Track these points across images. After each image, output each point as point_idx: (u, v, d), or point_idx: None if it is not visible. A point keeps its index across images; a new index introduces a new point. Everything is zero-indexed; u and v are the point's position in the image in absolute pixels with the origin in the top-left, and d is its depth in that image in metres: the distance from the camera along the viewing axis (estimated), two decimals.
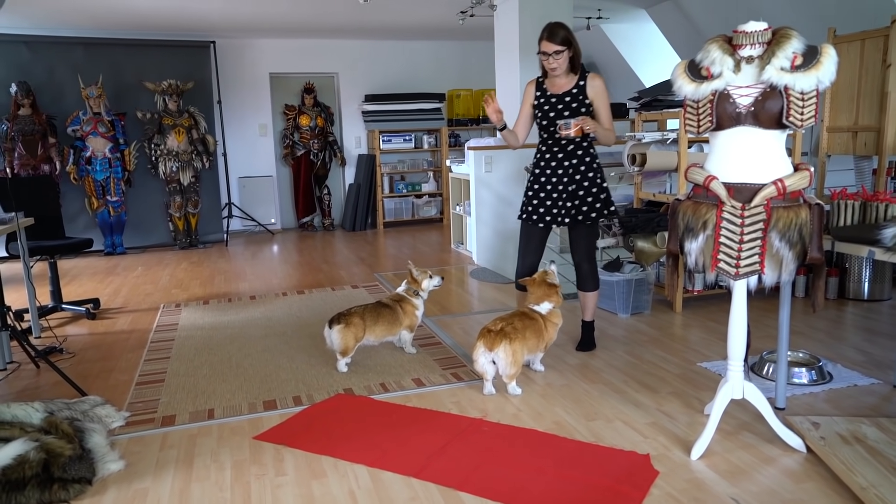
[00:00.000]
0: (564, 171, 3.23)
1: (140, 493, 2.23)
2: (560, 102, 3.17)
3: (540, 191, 3.27)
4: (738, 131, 2.19)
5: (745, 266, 2.19)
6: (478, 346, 2.88)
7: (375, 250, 6.84)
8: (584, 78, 3.18)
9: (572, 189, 3.22)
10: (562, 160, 3.23)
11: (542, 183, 3.27)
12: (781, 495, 2.08)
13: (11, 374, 3.47)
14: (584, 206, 3.24)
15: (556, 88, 3.20)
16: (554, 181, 3.24)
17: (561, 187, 3.23)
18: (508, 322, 2.92)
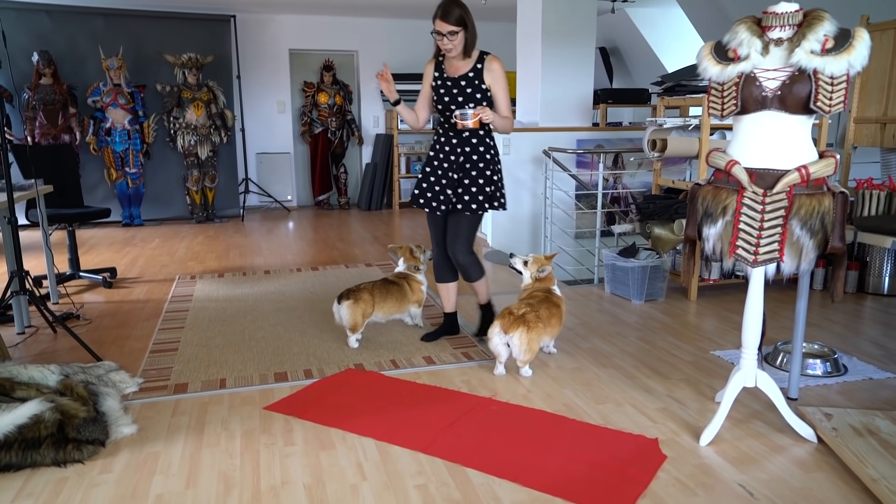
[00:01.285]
0: (456, 159, 3.09)
1: (152, 457, 2.27)
2: (455, 87, 3.02)
3: (430, 175, 3.15)
4: (763, 115, 2.15)
5: (764, 253, 2.16)
6: (495, 325, 2.88)
7: (390, 229, 6.84)
8: (482, 61, 3.02)
9: (459, 177, 3.09)
10: (455, 146, 3.08)
11: (433, 167, 3.15)
12: (790, 484, 2.07)
13: (29, 337, 3.52)
14: (466, 196, 3.09)
15: (452, 71, 3.04)
16: (445, 167, 3.11)
17: (451, 174, 3.10)
18: (533, 309, 2.91)
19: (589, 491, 2.02)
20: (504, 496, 2.01)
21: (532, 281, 3.20)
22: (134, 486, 2.09)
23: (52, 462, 2.22)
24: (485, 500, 1.99)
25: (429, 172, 3.17)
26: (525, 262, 3.23)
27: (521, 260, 3.25)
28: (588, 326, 3.61)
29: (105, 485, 2.10)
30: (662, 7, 7.54)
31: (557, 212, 5.33)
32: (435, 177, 3.14)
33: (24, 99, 6.69)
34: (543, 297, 3.06)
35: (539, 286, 3.18)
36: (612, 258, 4.15)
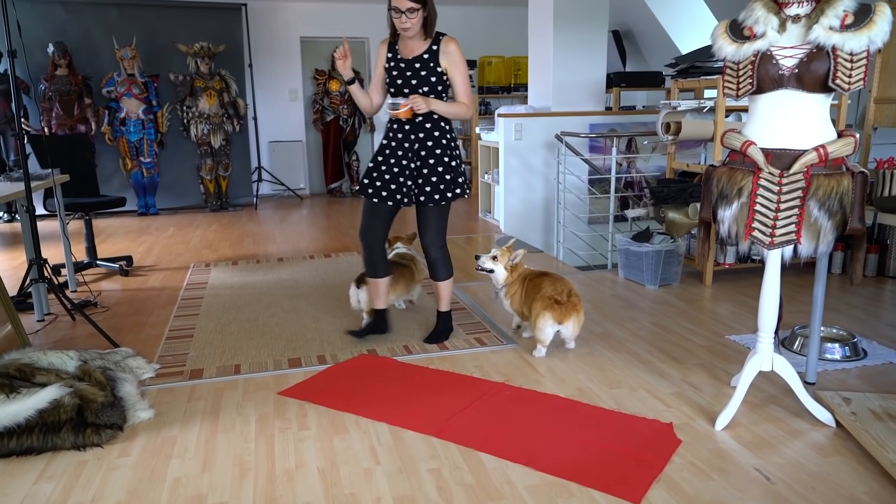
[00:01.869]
0: (411, 146, 2.92)
1: (168, 441, 2.29)
2: (409, 69, 2.85)
3: (383, 164, 2.96)
4: (779, 95, 2.10)
5: (781, 235, 2.12)
6: (547, 317, 2.87)
7: (402, 217, 6.82)
8: (438, 42, 2.85)
9: (417, 166, 2.94)
10: (409, 133, 2.91)
11: (386, 156, 2.96)
12: (807, 468, 2.04)
13: (49, 324, 3.57)
14: (427, 187, 2.94)
15: (407, 52, 2.87)
16: (399, 155, 2.93)
17: (405, 163, 2.93)
18: (573, 292, 2.94)
19: (602, 475, 2.01)
20: (517, 480, 2.01)
21: (508, 273, 3.08)
22: (151, 469, 2.11)
23: (72, 446, 2.25)
24: (498, 484, 1.99)
25: (381, 161, 2.97)
26: (494, 258, 3.09)
27: (489, 257, 3.09)
28: (601, 311, 3.59)
29: (123, 468, 2.12)
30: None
31: (570, 197, 5.29)
32: (387, 165, 2.96)
33: (40, 90, 6.74)
34: (545, 277, 3.03)
35: (524, 273, 3.11)
36: (625, 243, 4.11)
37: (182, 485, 2.02)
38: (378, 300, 3.20)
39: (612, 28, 8.21)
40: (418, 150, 2.93)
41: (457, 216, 6.79)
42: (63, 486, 2.03)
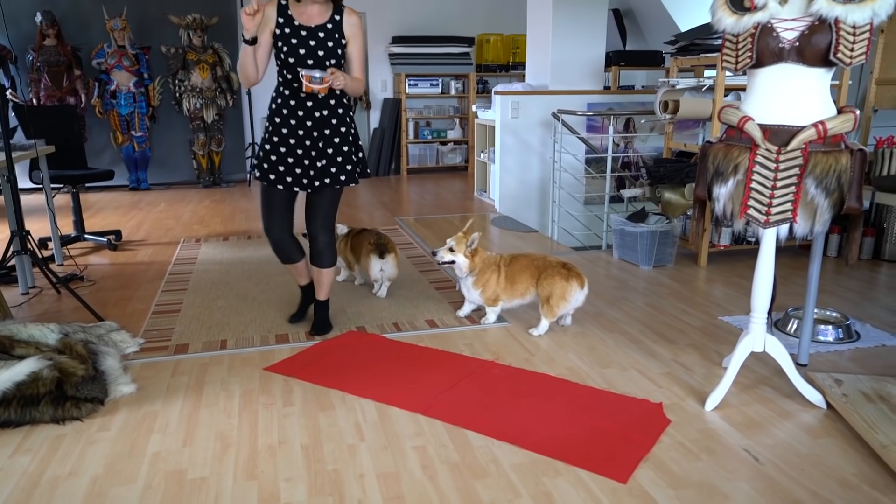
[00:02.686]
0: (314, 124, 2.67)
1: (150, 415, 2.25)
2: (312, 38, 2.59)
3: (280, 145, 2.69)
4: (779, 69, 2.05)
5: (777, 213, 2.08)
6: (574, 286, 2.90)
7: (398, 195, 6.77)
8: (340, 12, 2.65)
9: (321, 146, 2.70)
10: (311, 110, 2.66)
11: (283, 136, 2.69)
12: (797, 449, 2.02)
13: (33, 298, 3.52)
14: (332, 168, 2.73)
15: (306, 18, 2.60)
16: (300, 135, 2.67)
17: (308, 143, 2.68)
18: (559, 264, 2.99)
19: (590, 454, 1.98)
20: (503, 458, 1.98)
21: (470, 259, 2.99)
22: (131, 443, 2.08)
23: (51, 419, 2.21)
24: (483, 462, 1.96)
25: (278, 142, 2.70)
26: (451, 249, 3.00)
27: (446, 249, 3.00)
28: (594, 292, 3.55)
29: (103, 442, 2.09)
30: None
31: (566, 177, 5.23)
32: (288, 147, 2.69)
33: (28, 60, 6.62)
34: (524, 256, 3.05)
35: (493, 259, 3.04)
36: (620, 223, 4.07)
37: (162, 459, 1.99)
38: (301, 278, 3.08)
39: (613, 7, 8.09)
40: (322, 128, 2.69)
41: (452, 195, 6.74)
42: (40, 460, 1.99)
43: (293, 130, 2.68)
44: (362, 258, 3.43)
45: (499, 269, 3.01)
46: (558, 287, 2.89)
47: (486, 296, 3.01)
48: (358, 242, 3.49)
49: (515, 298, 3.01)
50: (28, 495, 1.82)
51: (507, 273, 3.00)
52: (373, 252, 3.36)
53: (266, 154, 2.73)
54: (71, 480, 1.89)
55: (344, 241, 3.55)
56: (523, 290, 2.98)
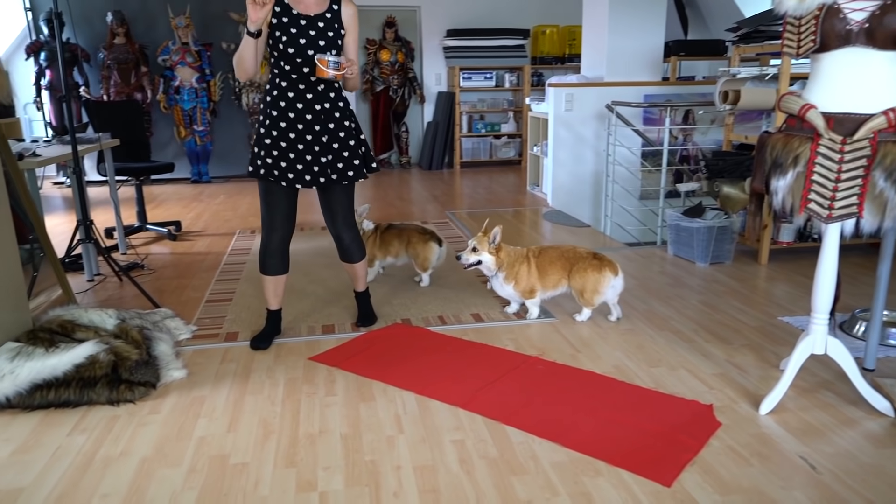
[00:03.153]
0: (315, 118, 2.57)
1: (198, 400, 2.31)
2: (312, 27, 2.49)
3: (281, 140, 2.56)
4: (845, 53, 1.92)
5: (840, 208, 1.96)
6: (607, 275, 2.89)
7: (450, 189, 6.76)
8: (338, 2, 2.57)
9: (326, 140, 2.59)
10: (311, 102, 2.55)
11: (282, 129, 2.55)
12: (858, 459, 1.90)
13: (97, 285, 3.68)
14: (339, 163, 2.64)
15: (304, 8, 2.51)
16: (300, 129, 2.56)
17: (310, 137, 2.57)
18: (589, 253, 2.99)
19: (633, 455, 1.92)
20: (542, 455, 1.94)
21: (495, 255, 2.93)
22: (179, 427, 2.13)
23: (107, 401, 2.30)
24: (522, 459, 1.92)
25: (278, 136, 2.56)
26: (474, 249, 2.93)
27: (468, 251, 2.94)
28: (646, 288, 3.45)
29: (153, 424, 2.15)
30: None
31: (621, 170, 5.09)
32: (288, 141, 2.56)
33: (99, 58, 6.92)
34: (553, 248, 3.04)
35: (519, 252, 2.99)
36: (676, 218, 3.93)
37: (207, 443, 2.03)
38: (275, 300, 2.83)
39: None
40: (326, 121, 2.59)
41: (504, 189, 6.68)
42: (94, 439, 2.07)
43: (292, 124, 2.56)
44: (417, 248, 3.47)
45: (528, 260, 2.96)
46: (591, 280, 2.89)
47: (520, 288, 2.97)
48: (392, 237, 3.52)
49: (549, 290, 2.99)
50: (82, 473, 1.89)
51: (538, 264, 2.97)
52: (431, 241, 3.48)
53: (266, 149, 2.58)
54: (122, 460, 1.95)
55: (373, 237, 3.50)
56: (555, 281, 2.97)
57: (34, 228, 3.14)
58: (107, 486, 1.83)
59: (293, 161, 2.58)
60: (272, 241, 2.69)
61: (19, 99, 7.50)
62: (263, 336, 2.80)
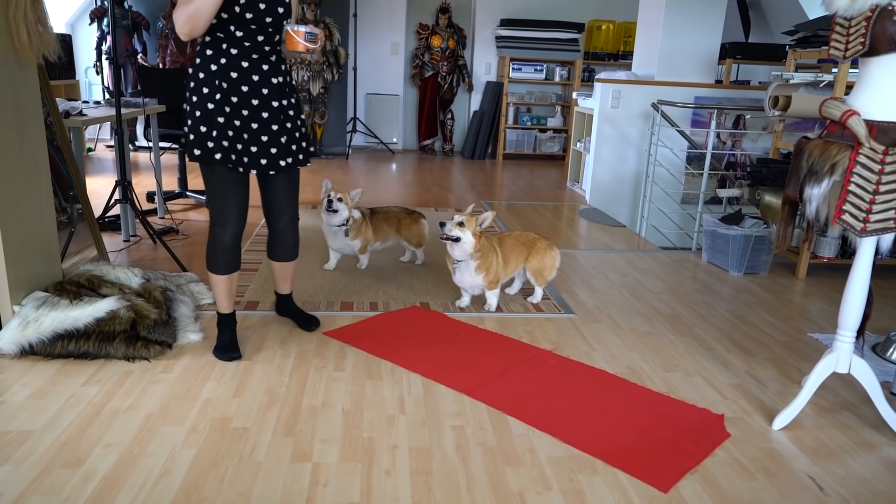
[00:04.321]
0: (271, 92, 2.25)
1: (209, 364, 2.36)
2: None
3: (234, 118, 2.21)
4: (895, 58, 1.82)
5: (877, 221, 1.86)
6: (557, 253, 3.10)
7: (489, 179, 6.72)
8: None
9: (281, 118, 2.29)
10: (267, 76, 2.23)
11: (234, 105, 2.20)
12: (872, 484, 1.81)
13: (132, 245, 3.78)
14: (294, 144, 2.36)
15: None
16: (255, 104, 2.23)
17: (266, 115, 2.25)
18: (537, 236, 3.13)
19: (633, 457, 1.88)
20: (541, 448, 1.91)
21: (476, 240, 2.78)
22: (188, 387, 2.18)
23: (123, 356, 2.36)
24: (519, 451, 1.90)
25: (231, 114, 2.21)
26: (461, 224, 2.76)
27: (455, 223, 2.77)
28: (673, 293, 3.36)
29: (163, 383, 2.21)
30: None
31: (662, 172, 4.97)
32: (242, 120, 2.22)
33: (158, 27, 7.09)
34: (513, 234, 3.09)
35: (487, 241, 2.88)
36: (712, 224, 3.82)
37: (211, 406, 2.07)
38: (228, 300, 2.45)
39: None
40: (279, 97, 2.28)
41: (544, 183, 6.60)
42: (106, 391, 2.13)
43: (245, 100, 2.22)
44: (412, 228, 3.53)
45: (495, 251, 2.91)
46: (549, 259, 3.06)
47: (488, 279, 2.90)
48: (380, 222, 3.47)
49: (506, 278, 3.06)
50: (89, 422, 1.95)
51: (502, 252, 2.95)
52: (422, 218, 3.58)
53: (218, 129, 2.20)
54: (128, 414, 2.01)
55: (365, 223, 3.39)
56: (514, 268, 3.03)
57: (74, 185, 3.25)
58: (111, 436, 1.88)
59: (248, 142, 2.24)
60: (226, 235, 2.33)
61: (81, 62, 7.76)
62: (228, 344, 2.43)
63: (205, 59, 2.20)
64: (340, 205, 3.23)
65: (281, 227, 2.53)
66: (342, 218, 3.25)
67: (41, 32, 2.34)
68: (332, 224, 3.28)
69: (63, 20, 7.57)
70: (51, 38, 2.41)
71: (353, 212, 3.31)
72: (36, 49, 2.34)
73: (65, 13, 7.55)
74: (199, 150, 2.21)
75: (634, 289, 3.39)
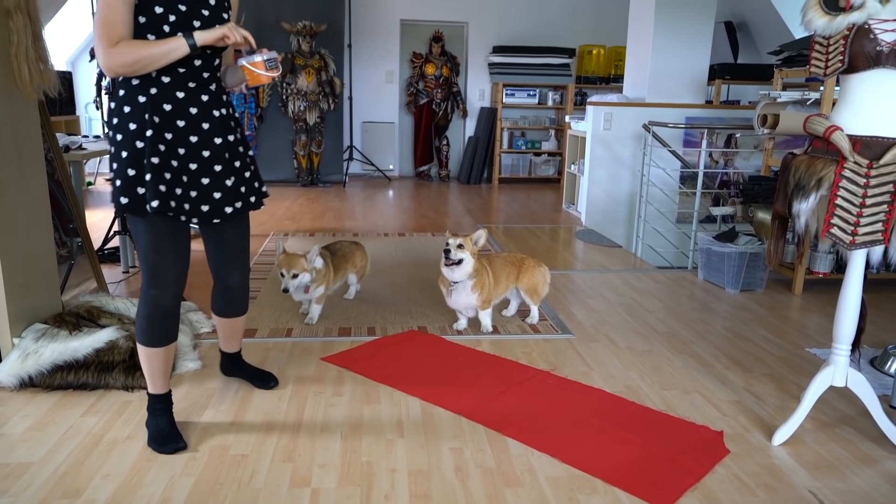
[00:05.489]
0: (212, 127, 1.91)
1: (207, 392, 2.36)
2: (204, 5, 1.86)
3: (171, 157, 1.84)
4: (875, 74, 1.86)
5: (865, 234, 1.88)
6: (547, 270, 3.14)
7: (485, 204, 6.76)
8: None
9: (227, 157, 1.95)
10: (208, 108, 1.90)
11: (168, 143, 1.84)
12: (872, 498, 1.81)
13: (131, 276, 3.79)
14: (243, 186, 2.02)
15: None
16: (194, 142, 1.88)
17: (208, 154, 1.90)
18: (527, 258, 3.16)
19: (632, 476, 1.87)
20: (540, 469, 1.91)
21: (475, 259, 2.81)
22: (186, 415, 2.18)
23: (122, 386, 2.36)
24: (518, 472, 1.90)
25: (167, 153, 1.83)
26: (460, 246, 2.76)
27: (456, 244, 2.75)
28: (670, 311, 3.37)
29: None
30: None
31: (656, 192, 5.01)
32: (178, 160, 1.86)
33: None
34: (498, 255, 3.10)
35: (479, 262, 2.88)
36: (707, 242, 3.84)
37: (210, 434, 2.07)
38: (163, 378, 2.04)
39: (726, 19, 7.71)
40: (224, 133, 1.94)
41: (540, 206, 6.64)
42: (105, 422, 2.13)
43: (181, 136, 1.87)
44: (357, 259, 3.34)
45: (486, 270, 2.92)
46: (539, 276, 3.08)
47: (482, 298, 2.90)
48: (340, 262, 3.18)
49: (497, 298, 3.04)
50: (88, 453, 1.95)
51: (493, 272, 2.95)
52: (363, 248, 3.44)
53: (154, 173, 1.81)
54: (127, 444, 2.00)
55: (328, 270, 3.05)
56: (504, 288, 3.04)
57: (74, 218, 3.27)
58: (109, 466, 1.88)
59: (187, 186, 1.88)
60: (165, 299, 1.93)
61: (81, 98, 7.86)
62: (169, 433, 2.00)
63: (130, 89, 1.83)
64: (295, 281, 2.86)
65: (232, 282, 2.19)
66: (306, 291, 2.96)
67: (42, 70, 2.39)
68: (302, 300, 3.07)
69: (64, 58, 7.69)
70: (51, 76, 2.46)
71: (316, 261, 2.94)
72: (37, 86, 2.38)
73: (66, 51, 7.67)
74: (126, 197, 1.82)
75: (631, 308, 3.40)
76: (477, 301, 2.90)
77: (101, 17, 1.74)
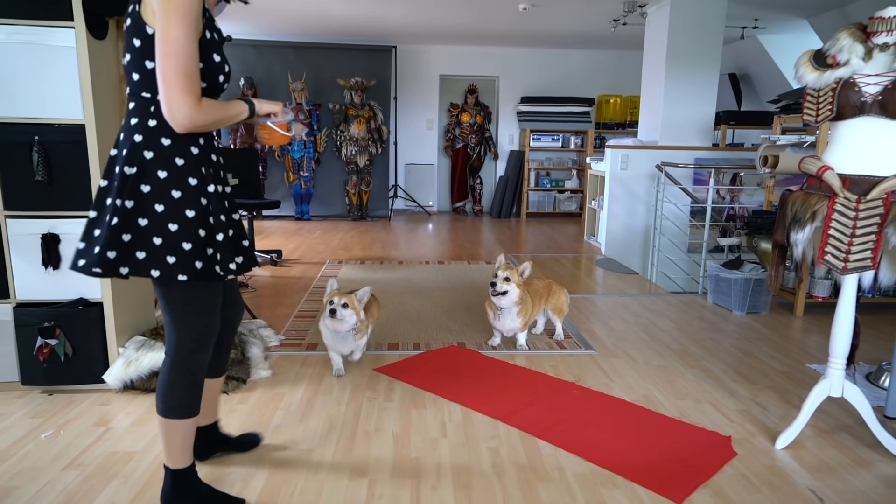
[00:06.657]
0: (223, 176, 1.64)
1: (278, 396, 2.47)
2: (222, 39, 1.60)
3: (219, 213, 1.55)
4: (860, 122, 1.91)
5: (855, 261, 1.91)
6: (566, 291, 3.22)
7: (515, 235, 6.84)
8: None
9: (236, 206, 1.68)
10: (218, 154, 1.64)
11: (214, 199, 1.54)
12: (868, 496, 1.80)
13: None
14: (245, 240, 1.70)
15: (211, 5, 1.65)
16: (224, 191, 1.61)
17: (227, 204, 1.62)
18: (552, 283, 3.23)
19: (650, 474, 1.91)
20: (567, 467, 1.96)
21: (521, 289, 2.89)
22: (260, 415, 2.29)
23: None
24: (548, 468, 1.95)
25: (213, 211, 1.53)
26: (507, 279, 2.85)
27: (503, 277, 2.85)
28: (683, 331, 3.38)
29: (240, 412, 2.32)
30: (796, 33, 6.86)
31: (668, 225, 5.03)
32: (225, 213, 1.58)
33: None
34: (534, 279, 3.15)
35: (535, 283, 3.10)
36: (715, 269, 3.85)
37: (281, 431, 2.18)
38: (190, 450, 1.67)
39: (730, 71, 7.74)
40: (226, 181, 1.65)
41: (563, 237, 6.69)
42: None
43: (221, 191, 1.59)
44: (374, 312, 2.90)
45: (528, 297, 2.98)
46: (563, 297, 3.19)
47: (524, 321, 2.98)
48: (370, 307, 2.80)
49: (531, 319, 3.11)
50: None
51: (535, 294, 3.04)
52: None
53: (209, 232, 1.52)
54: None
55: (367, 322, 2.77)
56: (538, 310, 3.13)
57: None
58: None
59: (233, 240, 1.62)
60: (206, 359, 1.63)
61: None
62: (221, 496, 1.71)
63: (178, 139, 1.50)
64: (346, 311, 2.57)
65: (230, 335, 1.83)
66: (350, 324, 2.61)
67: None
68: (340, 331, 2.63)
69: None
70: None
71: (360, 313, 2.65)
72: None
73: None
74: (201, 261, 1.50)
75: (647, 328, 3.43)
76: (520, 324, 2.98)
77: (182, 67, 1.41)
